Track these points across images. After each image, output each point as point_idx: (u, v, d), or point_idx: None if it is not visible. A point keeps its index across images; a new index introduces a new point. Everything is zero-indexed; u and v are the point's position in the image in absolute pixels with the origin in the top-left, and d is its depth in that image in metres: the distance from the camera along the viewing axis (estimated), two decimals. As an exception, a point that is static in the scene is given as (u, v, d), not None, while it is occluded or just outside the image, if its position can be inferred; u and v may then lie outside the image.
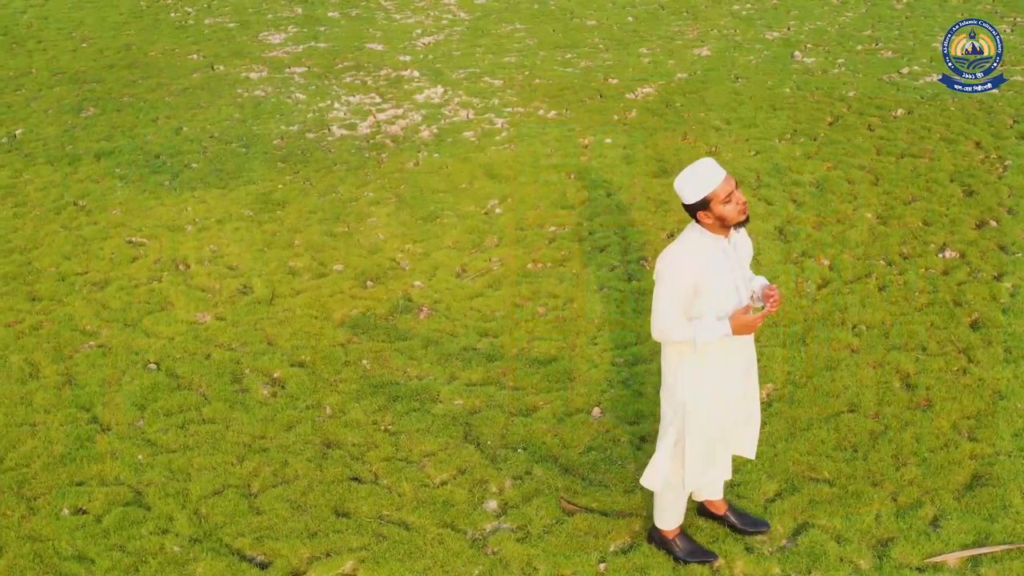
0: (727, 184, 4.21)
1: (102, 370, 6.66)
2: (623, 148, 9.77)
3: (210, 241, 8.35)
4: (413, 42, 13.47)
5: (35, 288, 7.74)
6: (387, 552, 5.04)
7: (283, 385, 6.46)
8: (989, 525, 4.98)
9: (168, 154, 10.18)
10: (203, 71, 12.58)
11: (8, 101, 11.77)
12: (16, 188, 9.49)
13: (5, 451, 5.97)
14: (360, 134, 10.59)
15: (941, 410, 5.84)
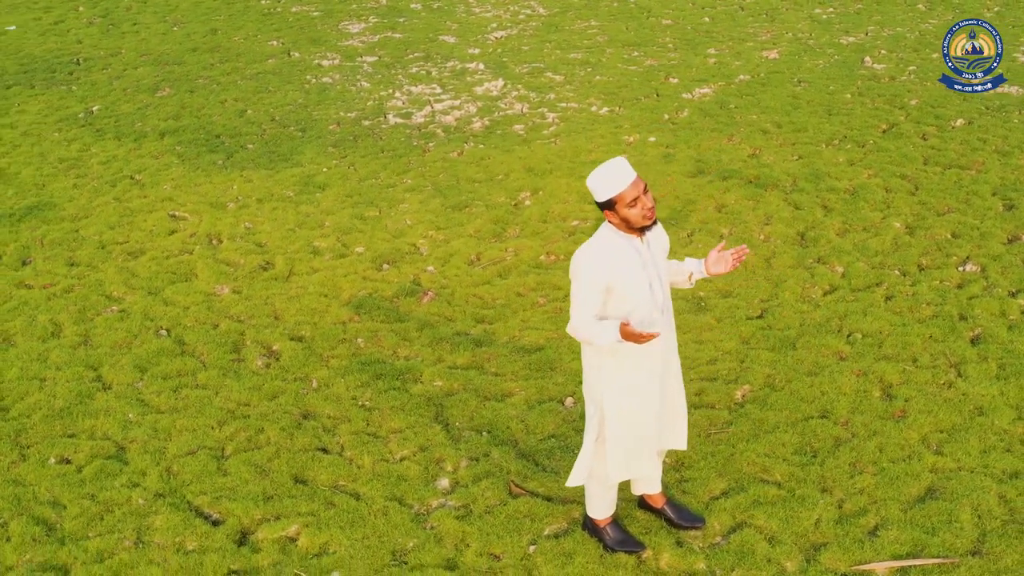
0: (634, 188, 4.24)
1: (117, 333, 7.04)
2: (665, 147, 9.79)
3: (247, 219, 8.71)
4: (486, 36, 13.68)
5: (76, 254, 8.20)
6: (332, 519, 5.24)
7: (278, 357, 6.73)
8: (928, 538, 4.92)
9: (228, 135, 10.61)
10: (279, 57, 13.03)
11: (94, 79, 12.41)
12: (81, 161, 10.03)
13: (12, 402, 6.38)
14: (414, 123, 10.85)
15: (914, 422, 5.76)
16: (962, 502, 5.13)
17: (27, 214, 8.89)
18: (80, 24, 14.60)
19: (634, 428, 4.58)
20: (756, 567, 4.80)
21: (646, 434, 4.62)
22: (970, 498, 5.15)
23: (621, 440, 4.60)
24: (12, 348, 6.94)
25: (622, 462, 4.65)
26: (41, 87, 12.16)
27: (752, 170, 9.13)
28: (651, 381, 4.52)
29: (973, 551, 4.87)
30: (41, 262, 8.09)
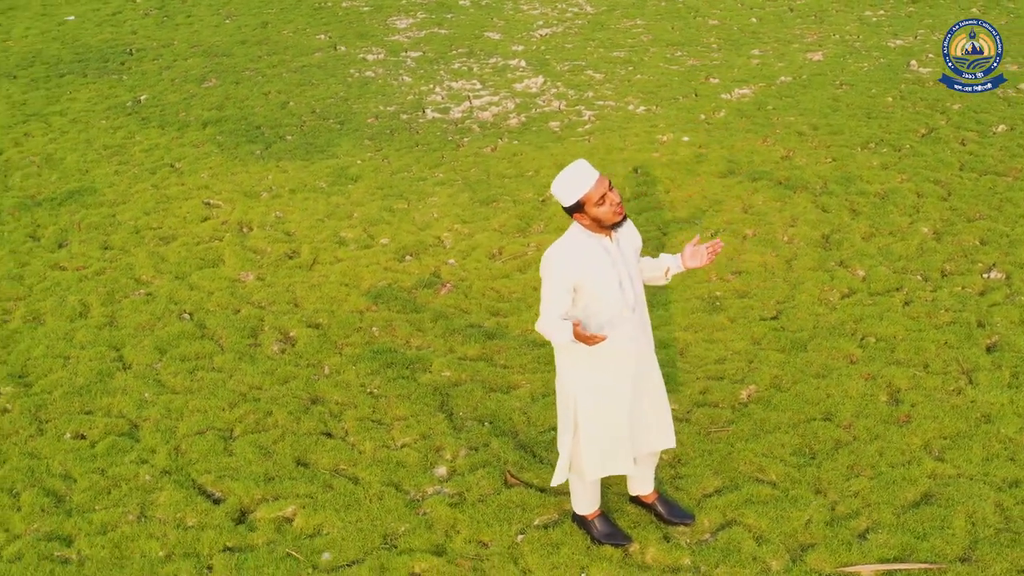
0: (600, 186, 4.27)
1: (142, 316, 7.24)
2: (698, 147, 9.77)
3: (278, 208, 8.87)
4: (531, 33, 13.74)
5: (110, 238, 8.43)
6: (328, 502, 5.36)
7: (293, 343, 6.87)
8: (918, 543, 4.89)
9: (268, 126, 10.80)
10: (325, 51, 13.22)
11: (144, 69, 12.70)
12: (124, 148, 10.29)
13: (36, 378, 6.60)
14: (451, 118, 10.95)
15: (918, 427, 5.72)
16: (957, 509, 5.09)
17: (68, 198, 9.15)
18: (136, 15, 14.93)
19: (607, 428, 4.61)
20: (741, 564, 4.82)
21: (619, 434, 4.63)
22: (966, 505, 5.11)
23: (595, 439, 4.63)
24: (41, 327, 7.16)
25: (597, 461, 4.68)
26: (93, 76, 12.47)
27: (783, 172, 9.09)
28: (621, 382, 4.53)
29: (962, 558, 4.83)
30: (77, 245, 8.33)
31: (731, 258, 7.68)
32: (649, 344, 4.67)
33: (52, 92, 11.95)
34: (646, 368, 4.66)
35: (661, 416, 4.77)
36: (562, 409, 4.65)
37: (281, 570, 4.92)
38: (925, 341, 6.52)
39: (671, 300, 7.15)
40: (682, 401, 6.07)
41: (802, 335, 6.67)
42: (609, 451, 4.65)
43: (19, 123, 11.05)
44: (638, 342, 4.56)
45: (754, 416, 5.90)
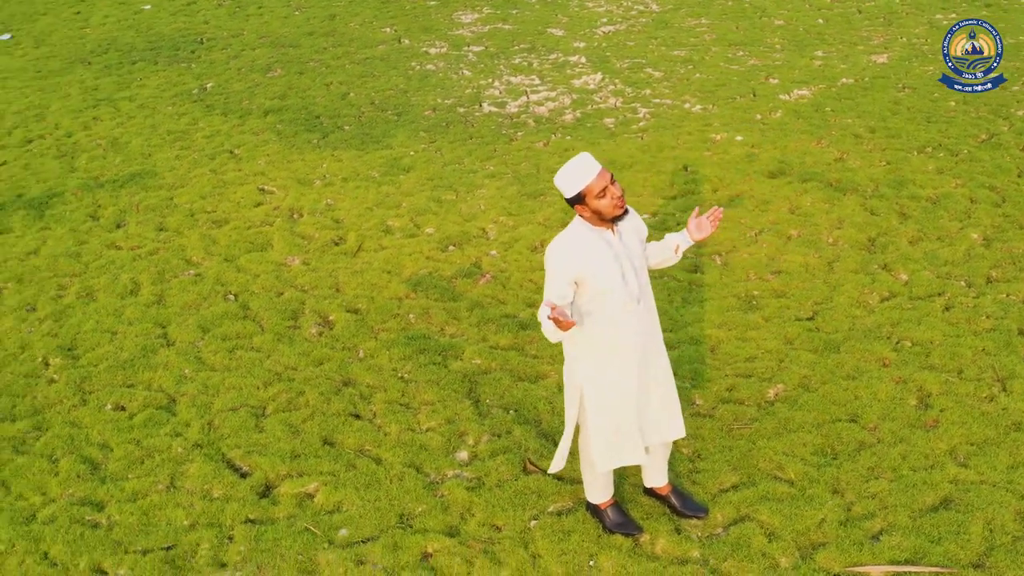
0: (601, 179, 4.31)
1: (188, 295, 7.45)
2: (750, 147, 9.74)
3: (329, 196, 9.05)
4: (594, 30, 13.78)
5: (166, 220, 8.68)
6: (350, 480, 5.48)
7: (331, 327, 7.02)
8: (931, 547, 4.86)
9: (327, 116, 11.01)
10: (389, 44, 13.41)
11: (213, 58, 13.01)
12: (187, 134, 10.57)
13: (84, 351, 6.84)
14: (507, 112, 11.05)
15: (944, 433, 5.66)
16: (975, 515, 5.04)
17: (129, 180, 9.43)
18: (210, 5, 15.29)
19: (614, 420, 4.65)
20: (749, 560, 4.83)
21: (626, 426, 4.67)
22: (985, 512, 5.06)
23: (602, 431, 4.67)
24: (93, 302, 7.41)
25: (605, 452, 4.73)
26: (164, 64, 12.81)
27: (835, 174, 9.02)
28: (627, 374, 4.57)
29: (976, 564, 4.79)
30: (134, 226, 8.60)
31: (772, 258, 7.65)
32: (656, 335, 4.70)
33: (123, 78, 12.31)
34: (653, 358, 4.70)
35: (670, 406, 4.81)
36: (568, 398, 4.71)
37: (298, 543, 5.05)
38: (962, 347, 6.44)
39: (707, 298, 7.16)
40: (707, 397, 6.08)
41: (836, 336, 6.63)
42: (617, 442, 4.69)
43: (89, 107, 11.41)
44: (644, 334, 4.60)
45: (779, 415, 5.89)
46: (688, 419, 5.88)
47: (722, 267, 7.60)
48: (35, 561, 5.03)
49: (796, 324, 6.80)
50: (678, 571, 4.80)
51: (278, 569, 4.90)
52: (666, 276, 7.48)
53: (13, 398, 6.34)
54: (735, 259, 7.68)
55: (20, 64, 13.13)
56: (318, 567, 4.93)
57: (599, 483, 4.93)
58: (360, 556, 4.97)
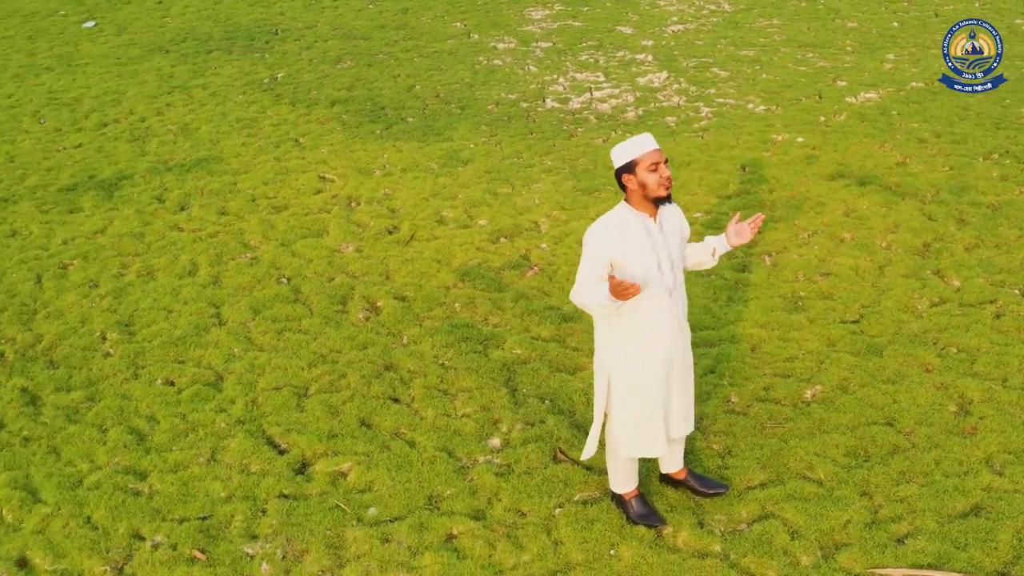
0: (656, 155, 4.39)
1: (243, 277, 7.66)
2: (811, 149, 9.67)
3: (388, 185, 9.21)
4: (663, 28, 13.76)
5: (228, 205, 8.92)
6: (383, 461, 5.61)
7: (378, 313, 7.17)
8: (956, 552, 4.82)
9: (392, 107, 11.19)
10: (458, 38, 13.55)
11: (286, 49, 13.29)
12: (255, 121, 10.83)
13: (140, 327, 7.08)
14: (569, 108, 11.11)
15: (982, 440, 5.60)
16: (1005, 523, 4.98)
17: (196, 165, 9.70)
18: (287, -2, 15.59)
19: (640, 408, 4.69)
20: (770, 556, 4.84)
21: (652, 416, 4.71)
22: (1016, 520, 5.00)
23: (627, 418, 4.72)
24: (152, 281, 7.66)
25: (630, 439, 4.77)
26: (238, 53, 13.12)
27: (895, 178, 8.92)
28: (656, 364, 4.61)
29: (1001, 572, 4.74)
30: (197, 209, 8.85)
31: (822, 260, 7.61)
32: (685, 332, 4.74)
33: (198, 67, 12.64)
34: (681, 354, 4.74)
35: (687, 403, 4.85)
36: (598, 387, 4.77)
37: (328, 519, 5.19)
38: (1009, 355, 6.35)
39: (752, 297, 7.15)
40: (743, 395, 6.09)
41: (880, 340, 6.58)
42: (642, 432, 4.74)
43: (164, 94, 11.74)
44: (675, 329, 4.63)
45: (814, 415, 5.87)
46: (721, 416, 5.90)
47: (771, 267, 7.57)
48: (78, 524, 5.24)
49: (840, 326, 6.76)
50: (697, 564, 4.83)
51: (306, 543, 5.04)
52: (713, 275, 7.49)
53: (70, 369, 6.59)
54: (785, 260, 7.65)
55: (102, 51, 13.55)
56: (345, 543, 5.06)
57: (623, 472, 4.98)
58: (386, 534, 5.09)
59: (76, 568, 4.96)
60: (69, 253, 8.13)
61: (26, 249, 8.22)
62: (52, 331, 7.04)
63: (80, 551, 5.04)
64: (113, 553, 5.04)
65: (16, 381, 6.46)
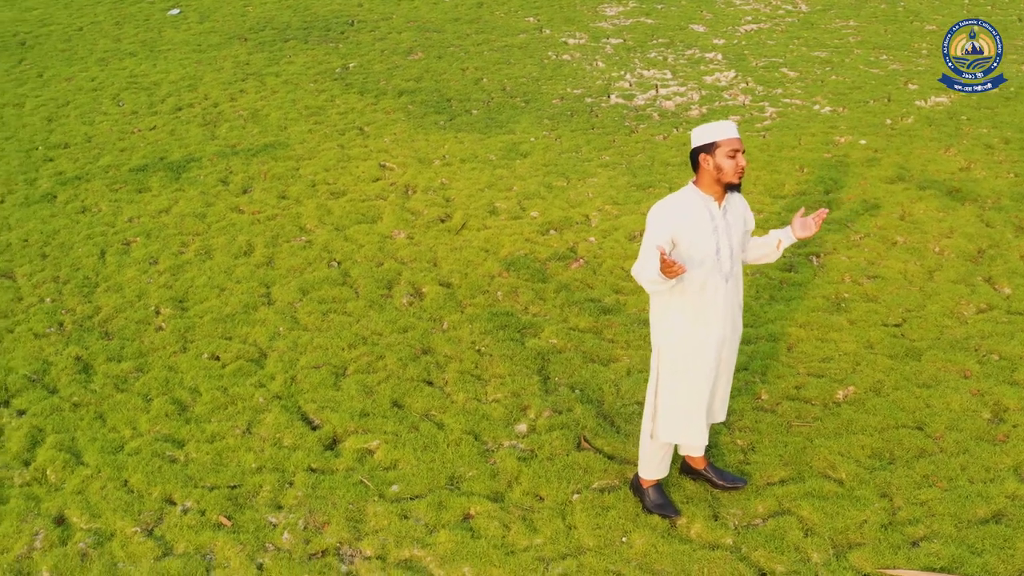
0: (736, 142, 4.46)
1: (296, 259, 7.88)
2: (873, 151, 9.57)
3: (445, 175, 9.37)
4: (736, 27, 13.69)
5: (289, 189, 9.16)
6: (410, 441, 5.75)
7: (422, 298, 7.32)
8: (971, 557, 4.78)
9: (458, 99, 11.34)
10: (530, 33, 13.66)
11: (360, 39, 13.55)
12: (322, 109, 11.08)
13: (193, 304, 7.34)
14: (633, 105, 11.14)
15: (1012, 448, 5.53)
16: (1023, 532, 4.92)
17: (262, 150, 9.97)
18: (365, -10, 15.86)
19: (689, 393, 4.73)
20: (780, 551, 4.86)
21: (697, 400, 4.75)
22: (1036, 530, 4.93)
23: (674, 403, 4.77)
24: (209, 260, 7.92)
25: (672, 419, 4.81)
26: (313, 42, 13.41)
27: (956, 183, 8.79)
28: (704, 351, 4.66)
29: (1015, 580, 4.68)
30: (259, 192, 9.10)
31: (872, 262, 7.54)
32: (737, 323, 4.79)
33: (274, 55, 12.95)
34: (728, 346, 4.80)
35: (726, 393, 4.94)
36: (652, 362, 4.84)
37: (351, 494, 5.34)
38: (1052, 365, 6.23)
39: (795, 297, 7.13)
40: (773, 393, 6.09)
41: (920, 344, 6.52)
42: (684, 419, 4.77)
43: (238, 80, 12.06)
44: (727, 316, 4.69)
45: (843, 416, 5.85)
46: (749, 412, 5.91)
47: (818, 268, 7.53)
48: (115, 487, 5.47)
49: (881, 329, 6.71)
50: (707, 555, 4.86)
51: (328, 515, 5.20)
52: (758, 273, 7.47)
53: (123, 341, 6.86)
54: (833, 261, 7.60)
55: (184, 38, 13.96)
56: (365, 517, 5.20)
57: (656, 458, 5.00)
58: (405, 511, 5.22)
59: (109, 528, 5.18)
60: (133, 230, 8.43)
61: (94, 225, 8.55)
62: (110, 304, 7.32)
63: (114, 512, 5.26)
64: (145, 515, 5.25)
65: (72, 350, 6.74)
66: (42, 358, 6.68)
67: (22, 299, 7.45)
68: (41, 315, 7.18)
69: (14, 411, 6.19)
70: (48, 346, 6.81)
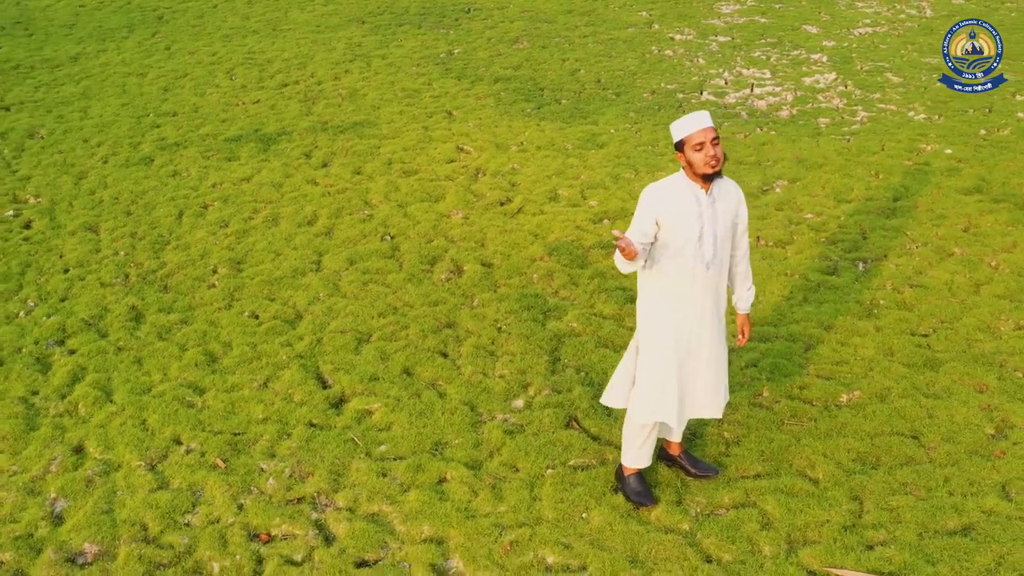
0: (702, 134, 4.54)
1: (353, 231, 8.26)
2: (956, 161, 9.33)
3: (518, 161, 9.60)
4: (850, 30, 13.44)
5: (365, 166, 9.57)
6: (408, 407, 6.03)
7: (461, 275, 7.58)
8: (923, 566, 4.72)
9: (550, 88, 11.55)
10: (639, 27, 13.73)
11: (471, 27, 13.89)
12: (418, 93, 11.46)
13: (248, 266, 7.80)
14: (724, 102, 11.12)
15: (1005, 465, 5.42)
16: (991, 546, 4.85)
17: (351, 127, 10.41)
18: (489, -21, 16.19)
19: (661, 370, 4.83)
20: (731, 541, 4.92)
21: (668, 386, 4.84)
22: (1003, 546, 4.85)
23: (646, 380, 4.88)
24: (274, 227, 8.37)
25: (643, 402, 4.93)
26: (426, 28, 13.82)
27: (1035, 197, 8.50)
28: (679, 336, 4.77)
29: (964, 592, 4.63)
30: (336, 167, 9.53)
31: (919, 272, 7.41)
32: (716, 312, 4.86)
33: (385, 38, 13.42)
34: (709, 336, 4.86)
35: (715, 386, 4.95)
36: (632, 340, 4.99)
37: (340, 450, 5.65)
38: (1076, 387, 6.04)
39: (827, 300, 7.08)
40: (775, 391, 6.10)
41: (943, 355, 6.40)
42: (655, 396, 4.87)
43: (347, 61, 12.57)
44: (706, 305, 4.79)
45: (839, 419, 5.83)
46: (744, 407, 5.95)
47: (861, 273, 7.45)
48: (133, 424, 5.93)
49: (906, 338, 6.61)
50: (658, 538, 4.96)
51: (314, 467, 5.52)
52: (797, 274, 7.44)
53: (177, 295, 7.37)
54: (879, 267, 7.50)
55: (306, 18, 14.59)
56: (347, 471, 5.50)
57: (636, 443, 5.09)
58: (386, 470, 5.50)
59: (118, 460, 5.64)
60: (213, 195, 8.97)
61: (179, 188, 9.13)
62: (174, 260, 7.85)
63: (126, 446, 5.72)
64: (152, 452, 5.69)
65: (129, 299, 7.27)
66: (103, 305, 7.23)
67: (99, 251, 8.05)
68: (112, 266, 7.75)
69: (66, 350, 6.74)
70: (110, 295, 7.36)
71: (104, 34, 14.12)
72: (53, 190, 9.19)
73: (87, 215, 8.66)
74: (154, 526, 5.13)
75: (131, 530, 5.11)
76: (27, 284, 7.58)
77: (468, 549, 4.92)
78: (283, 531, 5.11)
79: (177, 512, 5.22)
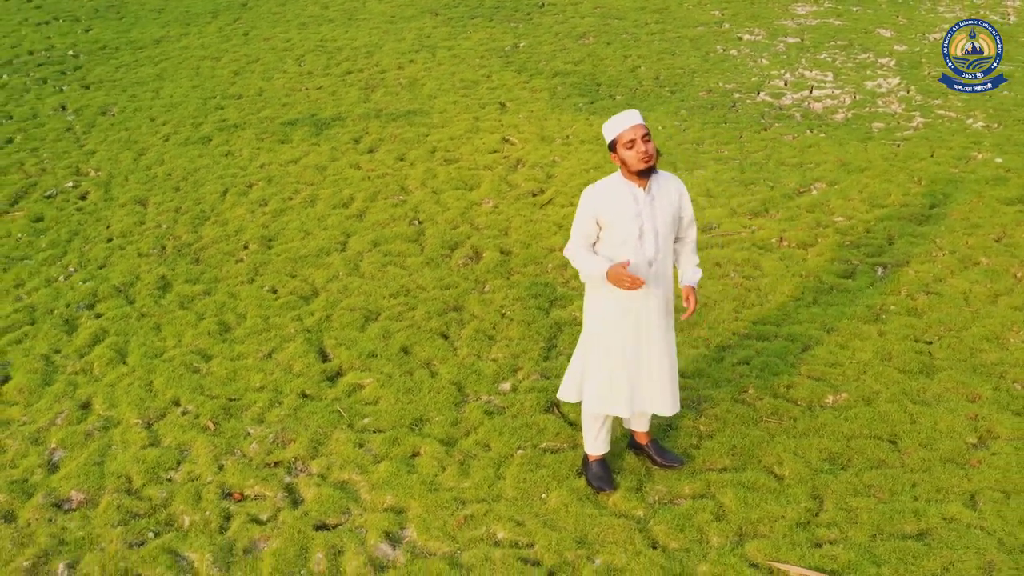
0: (632, 132, 4.62)
1: (384, 215, 8.51)
2: (1006, 171, 9.14)
3: (559, 153, 9.73)
4: (925, 35, 13.19)
5: (409, 153, 9.81)
6: (398, 383, 6.23)
7: (478, 261, 7.76)
8: (868, 566, 4.72)
9: (607, 84, 11.64)
10: (709, 26, 13.69)
11: (541, 22, 14.05)
12: (476, 84, 11.67)
13: (279, 243, 8.09)
14: (779, 103, 11.06)
15: (978, 475, 5.36)
16: (943, 553, 4.82)
17: (403, 116, 10.68)
18: (567, -25, 16.30)
19: (608, 363, 4.94)
20: (680, 529, 5.00)
21: (615, 376, 4.94)
22: (956, 553, 4.82)
23: (594, 372, 5.01)
24: (310, 208, 8.68)
25: (592, 394, 5.06)
26: (497, 21, 14.02)
27: (1078, 210, 8.28)
28: (621, 328, 4.85)
29: (904, 595, 4.63)
30: (382, 153, 9.80)
31: (938, 279, 7.32)
32: (661, 308, 4.92)
33: (454, 30, 13.66)
34: (657, 331, 4.92)
35: (664, 382, 5.00)
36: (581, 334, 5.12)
37: (323, 420, 5.89)
38: (1073, 402, 5.92)
39: (837, 303, 7.05)
40: (761, 389, 6.12)
41: (941, 363, 6.34)
42: (603, 388, 4.97)
43: (413, 51, 12.85)
44: (651, 302, 4.86)
45: (819, 419, 5.83)
46: (725, 402, 5.99)
47: (879, 278, 7.39)
48: (139, 385, 6.27)
49: (908, 344, 6.55)
50: (610, 522, 5.07)
51: (296, 433, 5.77)
52: (812, 276, 7.41)
53: (206, 267, 7.71)
54: (898, 273, 7.43)
55: (382, 9, 14.94)
56: (327, 440, 5.74)
57: (592, 432, 5.21)
58: (362, 441, 5.71)
59: (119, 417, 5.98)
60: (259, 175, 9.32)
61: (229, 167, 9.51)
62: (210, 235, 8.21)
63: (128, 405, 6.06)
64: (150, 412, 6.01)
65: (161, 269, 7.65)
66: (135, 273, 7.62)
67: (143, 223, 8.46)
68: (152, 238, 8.15)
69: (94, 314, 7.13)
70: (144, 264, 7.75)
71: (189, 19, 14.69)
72: (113, 164, 9.65)
73: (139, 189, 9.09)
74: (138, 479, 5.43)
75: (116, 482, 5.42)
76: (71, 251, 8.01)
77: (424, 520, 5.09)
78: (255, 492, 5.36)
79: (161, 468, 5.52)
